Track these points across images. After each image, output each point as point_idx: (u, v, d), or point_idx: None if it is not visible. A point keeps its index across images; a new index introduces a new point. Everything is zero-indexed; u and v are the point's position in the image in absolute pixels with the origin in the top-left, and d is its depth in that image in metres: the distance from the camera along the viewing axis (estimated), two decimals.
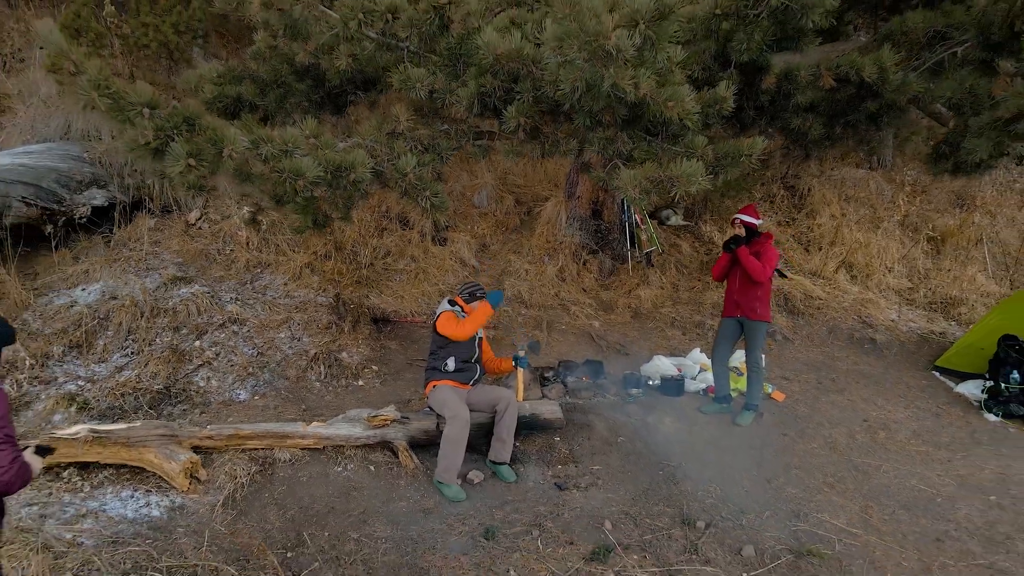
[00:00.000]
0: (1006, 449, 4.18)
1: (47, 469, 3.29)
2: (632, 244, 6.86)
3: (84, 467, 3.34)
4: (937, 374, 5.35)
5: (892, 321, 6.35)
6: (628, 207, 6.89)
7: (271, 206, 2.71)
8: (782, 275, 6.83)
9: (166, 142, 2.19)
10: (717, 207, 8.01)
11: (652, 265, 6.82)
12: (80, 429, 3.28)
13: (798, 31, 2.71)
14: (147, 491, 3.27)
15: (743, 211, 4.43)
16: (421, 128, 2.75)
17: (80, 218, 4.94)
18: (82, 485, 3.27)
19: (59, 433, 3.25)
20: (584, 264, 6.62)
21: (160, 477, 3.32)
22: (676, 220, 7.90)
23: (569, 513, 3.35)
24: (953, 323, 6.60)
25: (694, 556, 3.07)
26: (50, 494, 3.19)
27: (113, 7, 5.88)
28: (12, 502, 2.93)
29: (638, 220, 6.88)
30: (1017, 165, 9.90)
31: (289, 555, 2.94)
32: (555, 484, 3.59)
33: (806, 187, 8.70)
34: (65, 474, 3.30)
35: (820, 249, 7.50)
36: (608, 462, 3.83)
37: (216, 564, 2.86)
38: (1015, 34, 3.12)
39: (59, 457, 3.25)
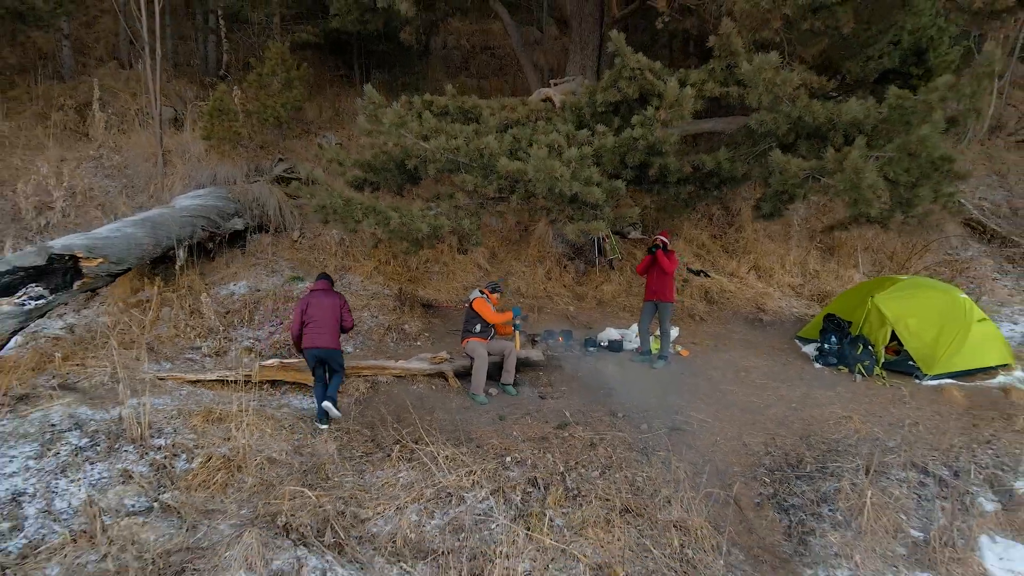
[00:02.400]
0: (817, 383, 6.50)
1: (255, 383, 5.63)
2: (600, 253, 9.20)
3: (274, 383, 5.71)
4: (797, 341, 7.68)
5: (780, 307, 8.69)
6: None
7: (393, 238, 4.99)
8: (706, 275, 9.25)
9: (362, 218, 4.50)
10: (667, 225, 10.35)
11: (613, 268, 9.17)
12: (274, 361, 5.66)
13: (663, 151, 5.02)
14: (310, 395, 5.63)
15: (661, 234, 6.79)
16: (470, 201, 5.05)
17: (245, 236, 7.30)
18: (276, 392, 5.64)
19: (263, 364, 5.62)
20: (564, 267, 8.98)
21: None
22: (635, 234, 10.25)
23: (547, 409, 5.70)
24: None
25: (613, 428, 5.40)
26: (259, 395, 5.55)
27: (241, 91, 8.25)
28: (237, 397, 5.27)
29: (603, 235, 9.21)
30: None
31: (395, 425, 5.28)
32: (539, 396, 5.96)
33: (737, 208, 11.04)
34: (265, 387, 5.66)
35: (739, 255, 9.86)
36: (571, 386, 6.19)
37: (358, 428, 5.21)
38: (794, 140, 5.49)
39: (262, 376, 5.61)
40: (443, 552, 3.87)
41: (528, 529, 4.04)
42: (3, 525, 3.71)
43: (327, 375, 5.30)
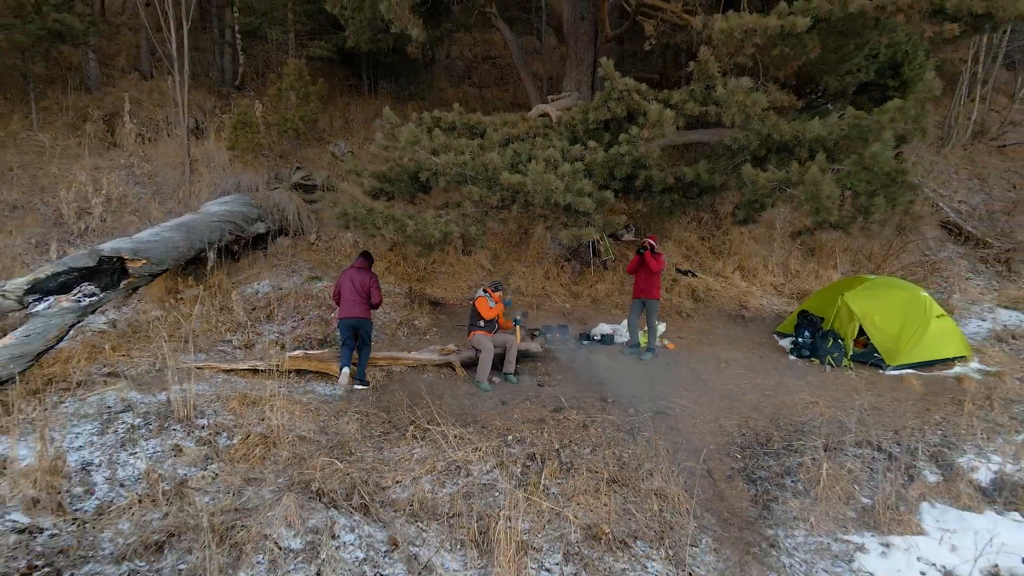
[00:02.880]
0: (790, 373, 7.08)
1: (284, 372, 6.21)
2: (594, 254, 9.78)
3: (299, 372, 6.28)
4: (775, 336, 8.26)
5: (761, 305, 9.27)
6: None
7: (409, 242, 5.57)
8: (694, 275, 9.81)
9: (381, 227, 5.09)
10: (658, 228, 10.92)
11: (607, 268, 9.75)
12: (299, 352, 6.24)
13: (647, 165, 5.59)
14: (331, 383, 6.21)
15: (649, 237, 7.37)
16: (476, 210, 5.65)
17: (267, 239, 7.88)
18: (301, 380, 6.22)
19: (289, 355, 6.20)
20: (561, 268, 9.55)
21: (336, 377, 6.26)
22: (629, 236, 10.82)
23: (544, 395, 6.27)
24: None
25: (603, 412, 5.96)
26: (287, 383, 6.12)
27: (261, 104, 8.83)
28: (267, 384, 5.84)
29: (598, 238, 9.79)
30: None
31: (409, 408, 5.86)
32: (537, 384, 6.53)
33: (725, 211, 11.60)
34: (291, 375, 6.24)
35: (725, 256, 10.44)
36: (566, 375, 6.77)
37: (376, 411, 5.79)
38: (766, 153, 6.06)
39: (289, 366, 6.19)
40: (454, 514, 4.44)
41: (527, 495, 4.61)
42: (77, 489, 4.29)
43: (357, 344, 6.12)
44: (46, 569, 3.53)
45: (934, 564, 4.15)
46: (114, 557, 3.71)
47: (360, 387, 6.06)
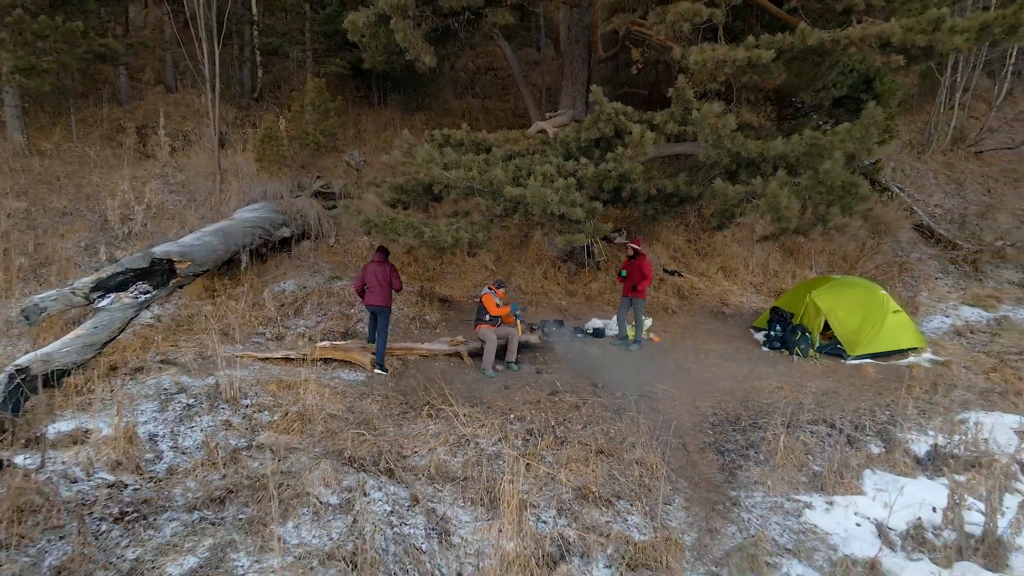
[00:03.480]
0: (761, 362, 7.80)
1: (313, 360, 6.95)
2: (588, 255, 10.51)
3: (326, 361, 7.02)
4: (751, 330, 9.00)
5: (741, 302, 10.00)
6: None
7: (424, 247, 6.31)
8: (679, 275, 10.54)
9: (401, 234, 5.83)
10: (647, 231, 11.65)
11: (600, 269, 10.48)
12: (326, 343, 6.98)
13: (631, 179, 6.32)
14: (355, 370, 6.95)
15: (634, 242, 8.10)
16: (482, 218, 6.38)
17: (291, 242, 8.63)
18: (328, 368, 6.96)
19: (318, 345, 6.94)
20: (559, 268, 10.28)
21: (359, 365, 7.00)
22: (620, 239, 11.54)
23: (542, 381, 7.00)
24: None
25: (594, 395, 6.69)
26: (316, 370, 6.86)
27: (284, 121, 9.57)
28: (299, 371, 6.58)
29: (591, 241, 10.51)
30: None
31: (423, 391, 6.60)
32: (536, 371, 7.27)
33: (710, 215, 12.33)
34: (319, 363, 6.98)
35: (709, 257, 11.17)
36: (562, 364, 7.50)
37: (394, 394, 6.53)
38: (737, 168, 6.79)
39: (318, 355, 6.93)
40: (465, 477, 5.18)
41: (527, 462, 5.35)
42: (149, 455, 5.03)
43: (376, 326, 6.98)
44: (135, 514, 4.27)
45: (868, 517, 4.88)
46: (186, 507, 4.45)
47: (380, 372, 6.79)
